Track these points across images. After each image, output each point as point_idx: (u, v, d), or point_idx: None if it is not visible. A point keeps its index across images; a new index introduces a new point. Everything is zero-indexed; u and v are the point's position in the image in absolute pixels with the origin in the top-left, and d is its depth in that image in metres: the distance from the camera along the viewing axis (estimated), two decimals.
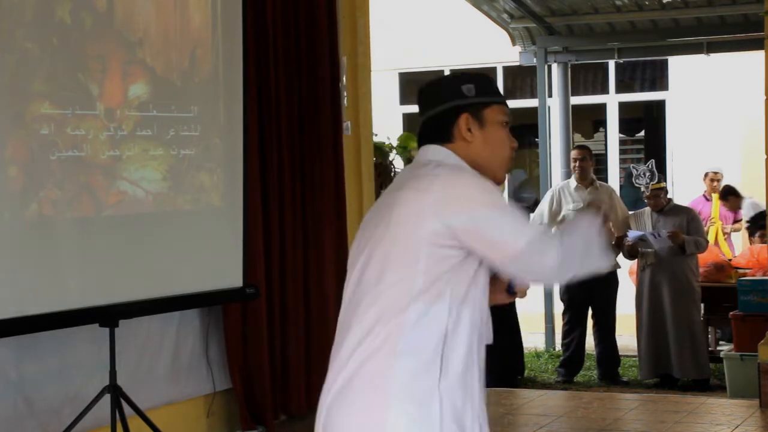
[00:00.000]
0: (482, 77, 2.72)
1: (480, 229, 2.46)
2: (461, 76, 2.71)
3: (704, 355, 8.49)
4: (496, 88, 2.74)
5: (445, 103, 2.66)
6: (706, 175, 10.75)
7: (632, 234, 8.51)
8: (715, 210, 10.37)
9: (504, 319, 8.68)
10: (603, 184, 9.19)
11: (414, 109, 2.83)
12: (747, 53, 10.80)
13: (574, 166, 8.94)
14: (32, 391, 4.97)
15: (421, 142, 2.70)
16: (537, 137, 11.42)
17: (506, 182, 10.74)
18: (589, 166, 8.96)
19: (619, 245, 8.86)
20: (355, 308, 2.53)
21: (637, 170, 8.57)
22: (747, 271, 9.03)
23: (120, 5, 5.05)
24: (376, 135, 7.68)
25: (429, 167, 2.58)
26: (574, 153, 9.06)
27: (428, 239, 2.46)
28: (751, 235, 10.28)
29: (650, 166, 8.52)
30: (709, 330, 9.25)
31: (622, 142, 12.91)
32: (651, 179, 8.48)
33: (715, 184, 10.67)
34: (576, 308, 8.88)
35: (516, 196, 2.76)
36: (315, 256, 6.51)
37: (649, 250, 8.40)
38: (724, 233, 10.40)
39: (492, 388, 7.87)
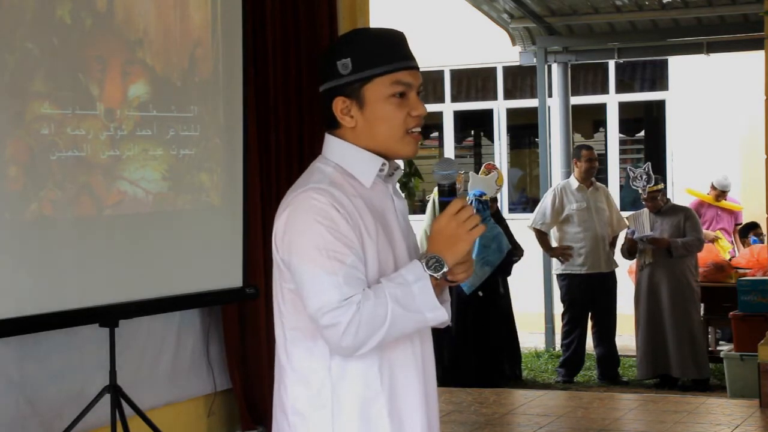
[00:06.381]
0: (368, 42, 2.34)
1: (295, 278, 2.28)
2: (340, 46, 2.36)
3: (704, 355, 8.49)
4: (387, 51, 2.33)
5: (323, 84, 2.37)
6: (712, 186, 10.74)
7: (630, 230, 8.59)
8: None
9: (501, 321, 8.67)
10: (600, 185, 9.20)
11: None
12: (747, 53, 10.81)
13: (588, 166, 8.89)
14: (34, 391, 4.97)
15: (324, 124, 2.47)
16: (537, 137, 11.43)
17: (505, 181, 10.76)
18: (596, 167, 9.01)
19: (612, 245, 8.90)
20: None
21: (633, 173, 8.57)
22: (747, 271, 9.03)
23: (120, 5, 5.04)
24: None
25: (316, 168, 2.38)
26: (587, 153, 8.98)
27: (279, 273, 2.34)
28: (742, 237, 10.31)
29: (646, 169, 8.52)
30: (709, 330, 9.26)
31: (622, 142, 12.92)
32: (648, 182, 8.48)
33: (721, 200, 10.69)
34: (576, 309, 8.88)
35: (435, 174, 2.60)
36: None
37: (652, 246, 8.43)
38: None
39: (492, 389, 7.88)
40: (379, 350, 2.27)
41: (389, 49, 2.33)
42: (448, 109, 13.17)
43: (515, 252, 8.77)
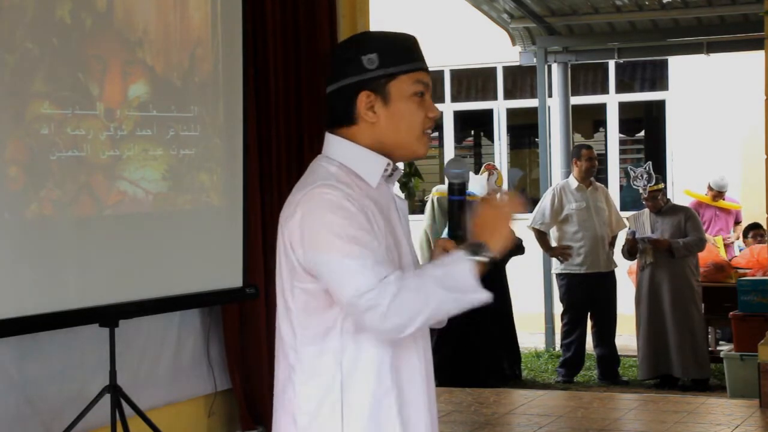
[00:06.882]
0: (391, 41, 2.36)
1: (322, 273, 2.23)
2: (364, 41, 2.36)
3: (704, 355, 8.49)
4: (409, 50, 2.36)
5: (343, 79, 2.33)
6: (709, 186, 10.73)
7: (630, 231, 8.59)
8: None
9: (493, 321, 8.65)
10: (599, 185, 9.20)
11: None
12: (747, 53, 10.81)
13: (588, 165, 8.87)
14: (34, 391, 4.97)
15: (329, 123, 2.40)
16: (537, 137, 11.43)
17: (505, 181, 10.76)
18: (596, 166, 9.01)
19: (612, 245, 8.90)
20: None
21: (634, 172, 8.58)
22: (747, 271, 9.03)
23: (120, 5, 5.05)
24: None
25: (320, 167, 2.35)
26: (587, 152, 8.97)
27: (291, 273, 2.30)
28: (744, 237, 10.32)
29: (647, 168, 8.52)
30: (709, 330, 9.26)
31: (622, 142, 12.92)
32: (648, 181, 8.49)
33: (719, 200, 10.69)
34: (576, 309, 8.88)
35: (447, 172, 2.64)
36: None
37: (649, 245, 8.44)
38: (725, 244, 10.43)
39: (492, 389, 7.87)
40: (386, 348, 2.27)
41: (411, 49, 2.36)
42: (448, 109, 13.16)
43: (517, 249, 8.75)
